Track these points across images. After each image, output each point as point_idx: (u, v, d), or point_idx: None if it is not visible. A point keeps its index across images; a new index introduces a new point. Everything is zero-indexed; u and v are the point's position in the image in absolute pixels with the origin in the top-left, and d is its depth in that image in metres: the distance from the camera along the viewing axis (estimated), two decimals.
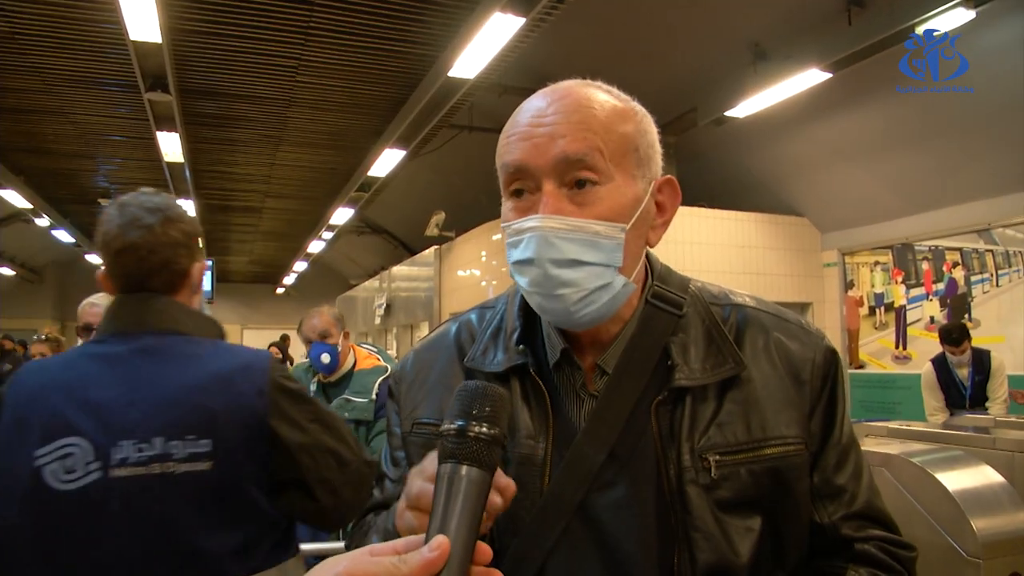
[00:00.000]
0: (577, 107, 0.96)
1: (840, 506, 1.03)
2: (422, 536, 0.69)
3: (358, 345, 3.82)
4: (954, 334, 6.01)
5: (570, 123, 0.95)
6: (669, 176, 1.05)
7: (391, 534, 0.92)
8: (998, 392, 5.87)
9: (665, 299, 1.06)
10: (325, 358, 3.44)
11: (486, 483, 0.73)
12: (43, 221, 14.80)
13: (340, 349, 3.50)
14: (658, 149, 1.04)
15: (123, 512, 1.39)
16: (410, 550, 0.68)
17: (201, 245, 1.79)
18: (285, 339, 14.00)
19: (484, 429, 0.74)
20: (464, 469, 0.72)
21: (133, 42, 6.29)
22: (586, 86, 1.01)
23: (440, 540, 0.66)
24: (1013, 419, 4.93)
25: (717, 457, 0.96)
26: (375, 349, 3.87)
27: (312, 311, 3.64)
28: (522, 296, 1.07)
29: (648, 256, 1.09)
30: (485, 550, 0.71)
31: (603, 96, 0.99)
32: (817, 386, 1.04)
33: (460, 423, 0.74)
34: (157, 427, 1.43)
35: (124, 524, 1.38)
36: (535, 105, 0.99)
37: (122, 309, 1.66)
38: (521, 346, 1.04)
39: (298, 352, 9.73)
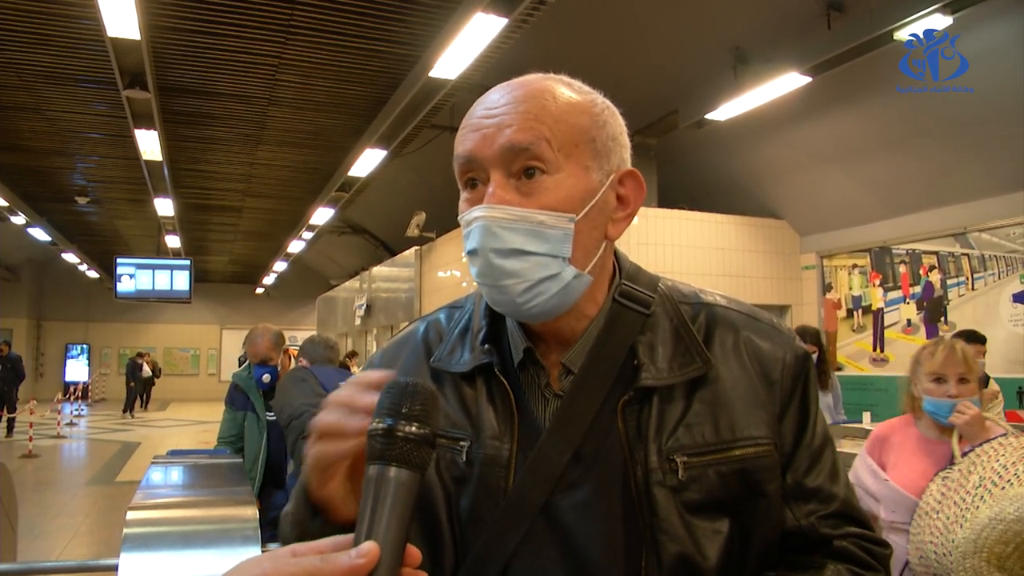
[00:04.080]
0: (527, 98, 0.96)
1: (817, 507, 1.01)
2: (348, 537, 0.68)
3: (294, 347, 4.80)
4: (979, 335, 5.91)
5: (518, 113, 0.94)
6: (632, 168, 1.03)
7: (300, 490, 0.89)
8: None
9: (633, 298, 1.04)
10: (266, 378, 4.20)
11: (416, 484, 0.70)
12: (19, 219, 14.61)
13: (280, 368, 4.28)
14: (622, 143, 1.02)
15: None
16: (335, 550, 0.66)
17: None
18: None
19: (414, 428, 0.71)
20: (392, 471, 0.69)
21: (111, 38, 6.23)
22: (545, 79, 1.00)
23: (368, 547, 0.65)
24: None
25: (685, 458, 0.94)
26: None
27: (256, 331, 4.32)
28: None
29: (617, 255, 1.07)
30: (414, 553, 0.69)
31: (559, 88, 0.98)
32: (788, 386, 1.02)
33: (388, 422, 0.71)
34: None
35: None
36: (490, 98, 0.99)
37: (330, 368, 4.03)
38: (486, 345, 1.03)
39: None
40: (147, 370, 21.64)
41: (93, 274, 23.48)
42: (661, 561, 0.92)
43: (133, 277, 16.41)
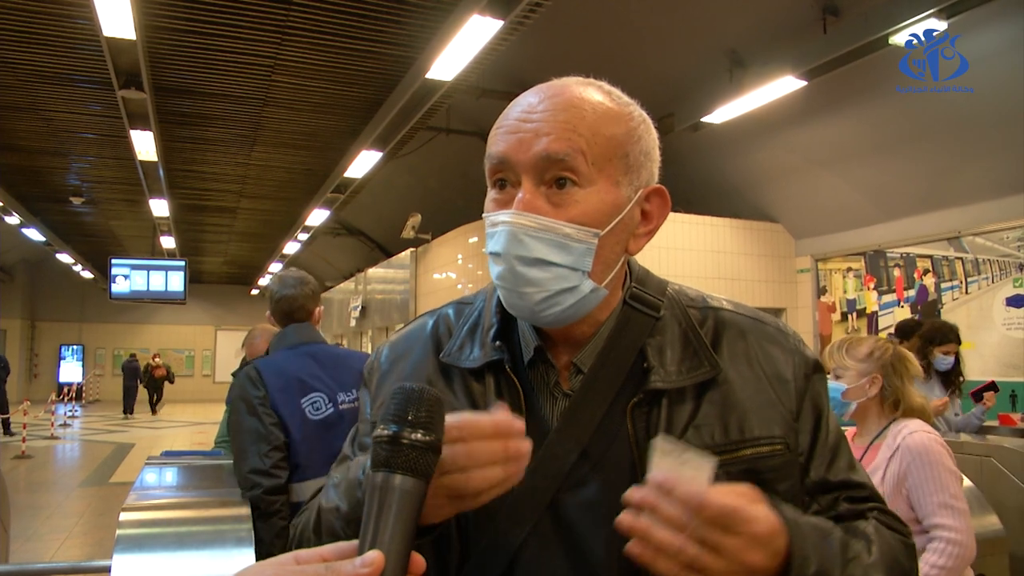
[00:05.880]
0: (566, 106, 0.96)
1: (844, 493, 1.04)
2: (352, 543, 0.67)
3: None
4: (911, 325, 5.73)
5: (556, 122, 0.94)
6: (660, 186, 1.04)
7: (351, 488, 0.93)
8: None
9: (642, 301, 1.06)
10: None
11: (421, 492, 0.70)
12: (13, 219, 14.58)
13: None
14: (653, 158, 1.04)
15: (344, 426, 2.72)
16: (339, 557, 0.66)
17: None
18: None
19: (419, 436, 0.71)
20: (398, 479, 0.69)
21: (107, 38, 6.22)
22: (584, 85, 1.00)
23: (373, 556, 0.64)
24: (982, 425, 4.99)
25: None
26: None
27: (255, 331, 4.32)
28: None
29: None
30: (419, 561, 0.69)
31: (597, 97, 0.99)
32: (801, 385, 1.04)
33: (394, 429, 0.71)
34: (347, 385, 2.90)
35: (344, 432, 1.97)
36: (528, 100, 0.99)
37: (299, 331, 3.05)
38: (498, 342, 1.04)
39: None
40: (140, 370, 21.56)
41: (87, 275, 23.42)
42: None
43: (128, 278, 16.34)
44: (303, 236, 16.20)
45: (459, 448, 0.78)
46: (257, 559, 2.28)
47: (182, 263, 16.98)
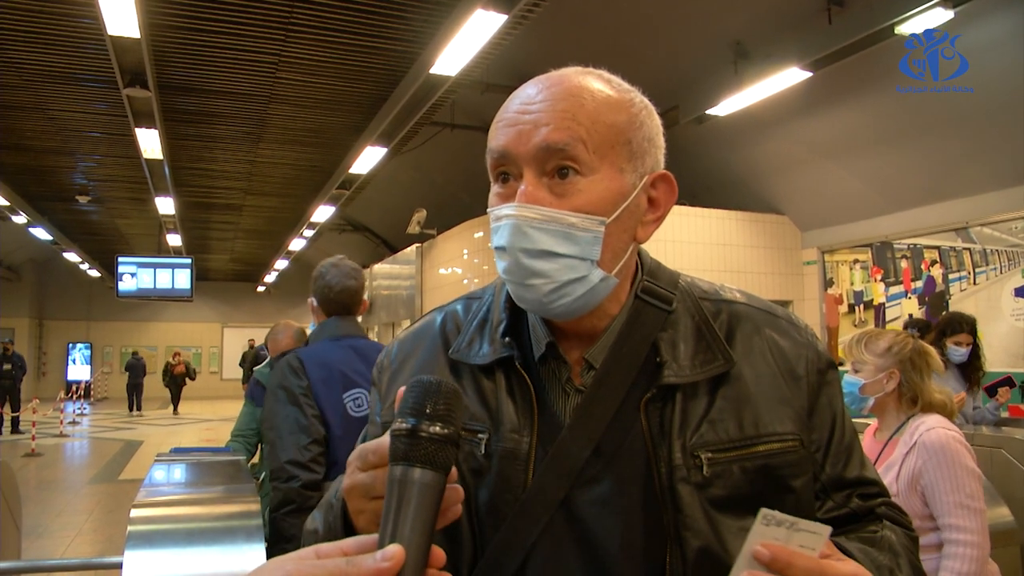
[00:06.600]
0: (565, 96, 0.95)
1: (858, 490, 1.04)
2: (372, 537, 0.67)
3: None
4: (923, 323, 5.84)
5: (555, 111, 0.93)
6: (665, 171, 1.03)
7: (334, 511, 0.93)
8: None
9: (654, 294, 1.04)
10: None
11: (440, 485, 0.70)
12: (20, 218, 14.62)
13: None
14: (658, 144, 1.02)
15: None
16: (360, 551, 0.66)
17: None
18: None
19: (438, 428, 0.70)
20: (417, 472, 0.69)
21: (111, 37, 6.23)
22: (583, 74, 0.99)
23: (394, 550, 0.64)
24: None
25: (709, 455, 0.94)
26: None
27: (278, 327, 4.33)
28: None
29: (639, 251, 1.07)
30: (439, 554, 0.69)
31: (597, 85, 0.98)
32: (814, 381, 1.03)
33: (412, 422, 0.70)
34: None
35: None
36: (526, 92, 0.98)
37: (342, 324, 2.92)
38: (507, 338, 1.03)
39: None
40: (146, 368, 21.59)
41: (94, 273, 23.50)
42: (686, 557, 0.92)
43: (135, 276, 16.41)
44: (309, 233, 16.22)
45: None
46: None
47: (188, 261, 17.04)
